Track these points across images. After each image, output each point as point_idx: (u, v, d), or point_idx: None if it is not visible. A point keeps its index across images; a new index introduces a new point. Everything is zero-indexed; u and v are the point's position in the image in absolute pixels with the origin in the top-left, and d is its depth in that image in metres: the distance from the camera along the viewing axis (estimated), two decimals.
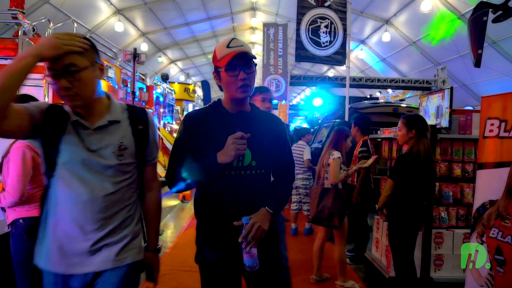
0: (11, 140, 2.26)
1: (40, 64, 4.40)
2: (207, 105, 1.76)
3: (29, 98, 2.32)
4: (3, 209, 2.32)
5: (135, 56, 3.91)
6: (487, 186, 2.32)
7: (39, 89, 4.22)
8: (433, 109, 4.36)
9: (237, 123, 1.58)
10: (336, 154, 3.50)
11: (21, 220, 2.21)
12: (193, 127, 1.62)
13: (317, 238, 3.75)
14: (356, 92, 15.89)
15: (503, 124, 2.23)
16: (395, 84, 10.44)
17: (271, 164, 1.70)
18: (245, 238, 1.49)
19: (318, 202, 3.48)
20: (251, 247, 1.50)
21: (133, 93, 3.90)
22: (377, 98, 13.30)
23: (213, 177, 1.56)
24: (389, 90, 14.03)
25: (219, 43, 1.62)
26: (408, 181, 2.86)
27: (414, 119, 2.96)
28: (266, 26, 10.29)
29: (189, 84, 13.00)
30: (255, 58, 1.62)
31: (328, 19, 7.21)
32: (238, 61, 1.54)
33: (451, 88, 3.90)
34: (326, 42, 7.27)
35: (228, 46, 1.55)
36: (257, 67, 1.68)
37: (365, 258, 4.24)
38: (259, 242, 1.53)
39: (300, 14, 7.20)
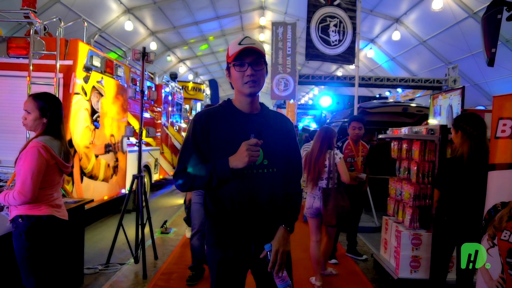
0: (21, 137, 2.25)
1: (51, 63, 4.46)
2: (218, 104, 1.77)
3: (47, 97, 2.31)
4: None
5: (144, 55, 3.92)
6: (499, 188, 2.27)
7: (50, 87, 4.27)
8: (445, 109, 4.31)
9: (250, 126, 1.58)
10: (340, 154, 3.61)
11: (20, 219, 2.16)
12: (203, 126, 1.62)
13: (324, 243, 3.77)
14: (365, 92, 15.75)
15: None
16: (404, 84, 10.32)
17: (283, 162, 1.70)
18: (273, 266, 1.57)
19: (336, 203, 3.43)
20: (282, 272, 1.57)
21: (142, 91, 3.92)
22: (386, 98, 13.17)
23: (224, 179, 1.56)
24: (399, 90, 13.88)
25: (233, 41, 1.64)
26: (450, 187, 2.62)
27: (459, 119, 2.68)
28: (275, 25, 10.24)
29: (187, 81, 12.88)
30: (265, 56, 1.63)
31: (337, 18, 7.17)
32: (247, 57, 1.56)
33: (463, 88, 3.83)
34: (336, 41, 7.23)
35: (239, 43, 1.57)
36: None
37: (372, 258, 4.21)
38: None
39: (310, 12, 7.18)
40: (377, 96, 13.25)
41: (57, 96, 4.25)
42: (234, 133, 1.59)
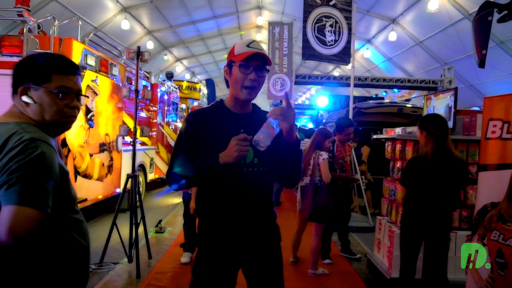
0: None
1: None
2: (210, 104, 1.79)
3: None
4: None
5: (139, 54, 3.92)
6: (489, 188, 2.29)
7: None
8: (442, 110, 4.32)
9: (240, 124, 1.61)
10: (325, 154, 3.74)
11: None
12: (195, 126, 1.64)
13: (315, 236, 3.81)
14: (362, 92, 15.80)
15: (506, 126, 2.20)
16: (400, 84, 10.37)
17: (274, 161, 1.70)
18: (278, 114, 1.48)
19: (313, 199, 3.64)
20: (276, 121, 1.49)
21: (136, 90, 3.92)
22: (382, 98, 13.22)
23: (215, 176, 1.58)
24: (395, 90, 13.94)
25: (239, 41, 1.67)
26: (416, 185, 2.72)
27: (423, 119, 2.79)
28: (272, 24, 10.23)
29: (182, 81, 12.86)
30: (270, 65, 1.65)
31: (333, 18, 7.18)
32: (254, 62, 1.58)
33: (456, 89, 3.86)
34: (331, 41, 7.24)
35: (248, 46, 1.60)
36: None
37: (366, 258, 4.22)
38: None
39: (306, 12, 7.18)
40: (373, 96, 13.30)
41: None
42: (225, 132, 1.60)
